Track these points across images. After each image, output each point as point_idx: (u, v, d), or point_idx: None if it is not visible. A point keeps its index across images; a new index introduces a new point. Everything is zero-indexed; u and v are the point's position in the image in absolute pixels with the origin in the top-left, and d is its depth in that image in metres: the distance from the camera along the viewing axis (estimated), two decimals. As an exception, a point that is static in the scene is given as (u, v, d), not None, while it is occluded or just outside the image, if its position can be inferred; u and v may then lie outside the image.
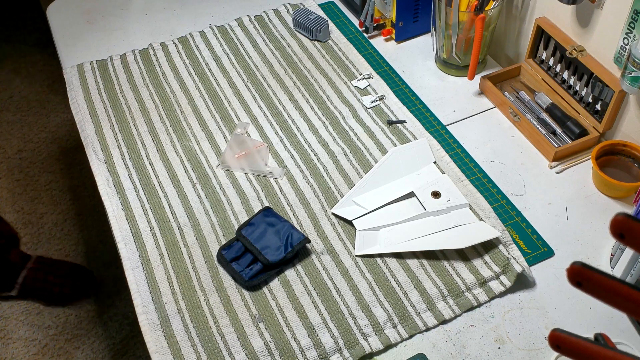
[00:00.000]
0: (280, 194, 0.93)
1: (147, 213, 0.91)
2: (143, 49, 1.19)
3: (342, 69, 1.12)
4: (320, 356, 0.75)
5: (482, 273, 0.81)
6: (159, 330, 0.78)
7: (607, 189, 0.91)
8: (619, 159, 0.93)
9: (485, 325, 0.78)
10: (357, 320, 0.78)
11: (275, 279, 0.83)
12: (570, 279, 0.33)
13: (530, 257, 0.84)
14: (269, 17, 1.24)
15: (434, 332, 0.77)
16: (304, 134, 1.01)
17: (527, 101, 1.04)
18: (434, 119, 1.04)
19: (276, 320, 0.78)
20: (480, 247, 0.84)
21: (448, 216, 0.87)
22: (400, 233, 0.86)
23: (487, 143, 1.00)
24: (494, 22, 1.06)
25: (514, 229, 0.87)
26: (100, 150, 1.00)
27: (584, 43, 0.96)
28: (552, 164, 0.96)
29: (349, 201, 0.90)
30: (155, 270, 0.84)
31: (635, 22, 0.83)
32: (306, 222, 0.89)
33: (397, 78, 1.12)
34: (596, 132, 0.96)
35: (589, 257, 0.84)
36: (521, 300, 0.80)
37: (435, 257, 0.84)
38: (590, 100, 0.97)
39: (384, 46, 1.19)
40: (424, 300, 0.79)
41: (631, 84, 0.84)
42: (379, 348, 0.76)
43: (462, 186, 0.91)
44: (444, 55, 1.11)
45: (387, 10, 1.16)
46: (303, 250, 0.85)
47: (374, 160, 0.96)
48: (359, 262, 0.84)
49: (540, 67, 1.05)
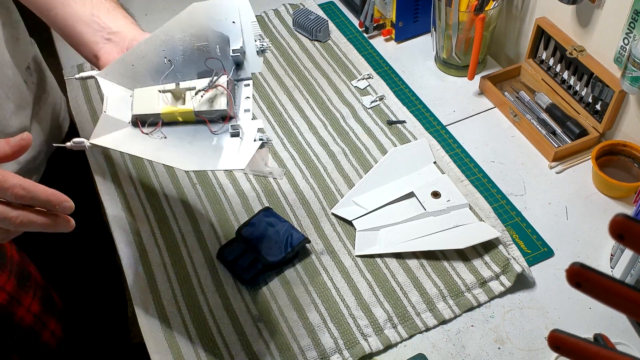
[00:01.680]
0: (280, 194, 0.93)
1: (147, 213, 0.91)
2: (143, 49, 1.19)
3: (342, 69, 1.12)
4: (320, 356, 0.75)
5: (482, 273, 0.81)
6: (159, 330, 0.78)
7: (607, 189, 0.91)
8: (619, 159, 0.93)
9: (485, 325, 0.78)
10: (357, 320, 0.78)
11: (275, 279, 0.83)
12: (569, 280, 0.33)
13: (530, 257, 0.84)
14: (269, 17, 1.24)
15: (434, 332, 0.77)
16: (304, 134, 1.01)
17: (527, 101, 1.04)
18: (433, 119, 1.04)
19: (276, 320, 0.78)
20: (480, 247, 0.84)
21: (448, 216, 0.87)
22: (400, 233, 0.86)
23: (487, 143, 1.00)
24: (494, 22, 1.06)
25: (514, 229, 0.87)
26: (100, 150, 1.00)
27: (584, 43, 0.96)
28: (552, 164, 0.96)
29: (349, 201, 0.90)
30: (155, 270, 0.84)
31: (635, 22, 0.83)
32: (306, 222, 0.89)
33: (397, 78, 1.12)
34: (596, 132, 0.96)
35: (589, 257, 0.84)
36: (521, 300, 0.80)
37: (435, 257, 0.84)
38: (590, 100, 0.97)
39: (384, 46, 1.19)
40: (424, 301, 0.79)
41: (631, 84, 0.84)
42: (378, 348, 0.76)
43: (462, 186, 0.91)
44: (444, 55, 1.11)
45: (387, 10, 1.16)
46: (303, 250, 0.85)
47: (374, 160, 0.96)
48: (359, 262, 0.84)
49: (540, 67, 1.05)
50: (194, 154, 0.62)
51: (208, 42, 0.65)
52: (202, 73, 0.66)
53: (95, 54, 0.70)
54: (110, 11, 0.70)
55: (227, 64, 0.66)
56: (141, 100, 0.65)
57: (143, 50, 0.65)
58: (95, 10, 0.69)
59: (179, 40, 0.65)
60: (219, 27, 0.65)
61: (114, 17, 0.70)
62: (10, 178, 0.53)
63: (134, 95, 0.66)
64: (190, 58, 0.66)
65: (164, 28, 0.65)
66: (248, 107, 0.66)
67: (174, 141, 0.64)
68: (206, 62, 0.66)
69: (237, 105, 0.66)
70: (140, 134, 0.64)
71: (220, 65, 0.65)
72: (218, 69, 0.65)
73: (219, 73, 0.64)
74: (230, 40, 0.65)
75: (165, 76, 0.66)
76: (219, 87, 0.63)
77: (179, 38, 0.65)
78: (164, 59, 0.66)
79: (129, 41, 0.68)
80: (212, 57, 0.66)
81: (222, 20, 0.64)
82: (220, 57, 0.66)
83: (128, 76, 0.66)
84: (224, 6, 0.64)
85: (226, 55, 0.66)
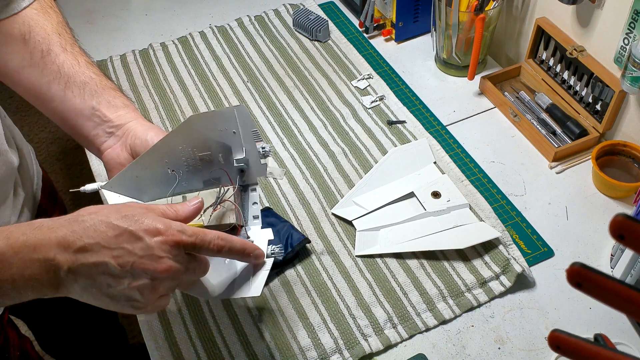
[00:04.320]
0: (280, 194, 0.92)
1: (147, 213, 0.91)
2: (143, 49, 1.19)
3: (342, 69, 1.12)
4: (320, 356, 0.75)
5: (482, 273, 0.81)
6: (159, 330, 0.78)
7: (607, 189, 0.91)
8: (619, 159, 0.93)
9: (485, 325, 0.78)
10: (357, 320, 0.78)
11: (275, 279, 0.83)
12: (569, 280, 0.33)
13: (530, 257, 0.84)
14: (269, 17, 1.24)
15: (434, 332, 0.77)
16: (304, 134, 1.01)
17: (527, 101, 1.04)
18: (434, 119, 1.04)
19: (276, 320, 0.78)
20: (480, 247, 0.84)
21: (448, 216, 0.87)
22: (400, 233, 0.86)
23: (487, 143, 1.00)
24: (494, 22, 1.06)
25: (514, 229, 0.87)
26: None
27: (584, 43, 0.96)
28: (552, 164, 0.96)
29: (349, 201, 0.90)
30: (155, 270, 0.84)
31: (635, 22, 0.83)
32: (306, 222, 0.89)
33: (397, 78, 1.12)
34: (596, 132, 0.96)
35: (589, 257, 0.84)
36: (521, 300, 0.80)
37: (435, 258, 0.84)
38: (590, 100, 0.97)
39: (384, 46, 1.19)
40: (424, 301, 0.79)
41: (631, 84, 0.84)
42: (379, 348, 0.76)
43: (462, 186, 0.91)
44: (444, 56, 1.11)
45: (387, 11, 1.16)
46: (303, 250, 0.85)
47: (374, 160, 0.96)
48: (359, 262, 0.84)
49: (540, 67, 1.05)
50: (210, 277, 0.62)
51: (211, 152, 0.65)
52: (207, 182, 0.66)
53: (97, 147, 0.68)
54: (111, 101, 0.68)
55: (231, 172, 0.66)
56: None
57: (146, 161, 0.64)
58: (95, 103, 0.67)
59: (181, 151, 0.64)
60: (220, 137, 0.64)
61: (114, 107, 0.68)
62: (207, 232, 0.55)
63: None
64: (194, 168, 0.65)
65: (165, 140, 0.63)
66: (256, 213, 0.66)
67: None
68: (211, 174, 0.65)
69: (246, 213, 0.66)
70: None
71: (225, 175, 0.65)
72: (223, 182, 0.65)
73: (225, 187, 0.64)
74: (232, 150, 0.65)
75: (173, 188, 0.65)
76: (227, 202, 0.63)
77: (181, 149, 0.64)
78: (167, 169, 0.65)
79: (131, 137, 0.67)
80: (215, 168, 0.65)
81: (222, 131, 0.64)
82: (224, 165, 0.65)
83: (133, 187, 0.64)
84: (223, 117, 0.63)
85: (230, 164, 0.66)
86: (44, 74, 0.68)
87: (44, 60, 0.68)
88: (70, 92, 0.68)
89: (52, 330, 1.11)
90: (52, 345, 1.19)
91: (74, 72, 0.68)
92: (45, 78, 0.68)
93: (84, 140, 0.70)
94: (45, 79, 0.68)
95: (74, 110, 0.68)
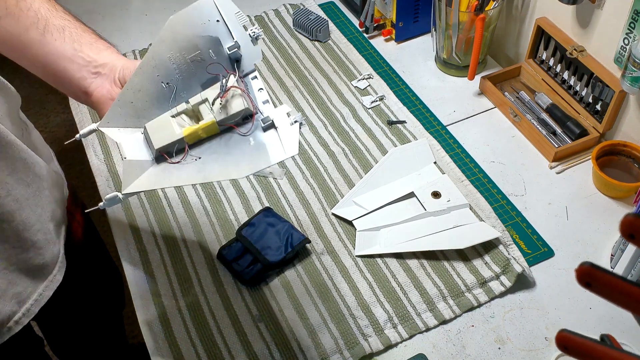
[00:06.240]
0: (280, 194, 0.92)
1: (147, 213, 0.91)
2: (143, 49, 1.19)
3: (342, 69, 1.12)
4: (320, 356, 0.75)
5: (482, 273, 0.81)
6: (159, 330, 0.78)
7: (607, 189, 0.91)
8: (619, 159, 0.93)
9: (485, 325, 0.78)
10: (357, 320, 0.78)
11: (275, 279, 0.83)
12: (579, 280, 0.33)
13: (530, 258, 0.84)
14: (269, 17, 1.24)
15: (434, 332, 0.77)
16: (304, 134, 1.01)
17: (527, 101, 1.04)
18: (434, 119, 1.04)
19: (276, 320, 0.78)
20: (480, 247, 0.84)
21: (448, 216, 0.87)
22: (400, 233, 0.86)
23: (487, 143, 1.00)
24: (494, 23, 1.06)
25: (514, 229, 0.87)
26: (100, 151, 1.00)
27: (584, 43, 0.96)
28: (552, 164, 0.95)
29: (349, 201, 0.90)
30: (155, 270, 0.84)
31: (635, 22, 0.83)
32: (306, 222, 0.89)
33: (397, 78, 1.12)
34: (596, 132, 0.96)
35: (589, 257, 0.84)
36: (521, 300, 0.80)
37: (436, 258, 0.84)
38: (591, 100, 0.97)
39: (384, 46, 1.19)
40: (424, 301, 0.79)
41: (631, 84, 0.84)
42: (379, 348, 0.76)
43: (462, 186, 0.91)
44: (444, 56, 1.11)
45: (387, 11, 1.16)
46: (303, 250, 0.85)
47: (374, 160, 0.96)
48: (359, 262, 0.84)
49: (541, 67, 1.05)
50: (240, 161, 0.60)
51: (200, 50, 0.62)
52: (205, 84, 0.64)
53: (84, 90, 0.65)
54: (93, 43, 0.65)
55: (227, 65, 0.63)
56: (157, 132, 0.62)
57: (137, 83, 0.61)
58: (77, 45, 0.64)
59: (169, 59, 0.62)
60: (205, 31, 0.62)
61: (97, 49, 0.65)
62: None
63: (147, 131, 0.62)
64: (187, 73, 0.63)
65: (150, 53, 0.61)
66: (265, 98, 0.63)
67: (211, 157, 0.61)
68: (207, 70, 0.63)
69: (254, 100, 0.63)
70: (170, 166, 0.61)
71: (221, 67, 0.63)
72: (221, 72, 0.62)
73: (225, 75, 0.61)
74: (221, 40, 0.62)
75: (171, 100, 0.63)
76: (232, 88, 0.61)
77: (169, 57, 0.62)
78: (161, 84, 0.62)
79: (120, 70, 0.64)
80: (210, 63, 0.63)
81: (205, 24, 0.61)
82: (218, 59, 0.63)
83: (131, 115, 0.62)
84: (202, 8, 0.61)
85: (223, 56, 0.63)
86: (20, 21, 0.64)
87: (18, 6, 0.65)
88: (50, 35, 0.65)
89: (56, 329, 1.10)
90: (53, 345, 1.19)
91: (51, 16, 0.66)
92: (22, 24, 0.64)
93: (69, 85, 0.66)
94: (22, 25, 0.64)
95: (56, 52, 0.64)
